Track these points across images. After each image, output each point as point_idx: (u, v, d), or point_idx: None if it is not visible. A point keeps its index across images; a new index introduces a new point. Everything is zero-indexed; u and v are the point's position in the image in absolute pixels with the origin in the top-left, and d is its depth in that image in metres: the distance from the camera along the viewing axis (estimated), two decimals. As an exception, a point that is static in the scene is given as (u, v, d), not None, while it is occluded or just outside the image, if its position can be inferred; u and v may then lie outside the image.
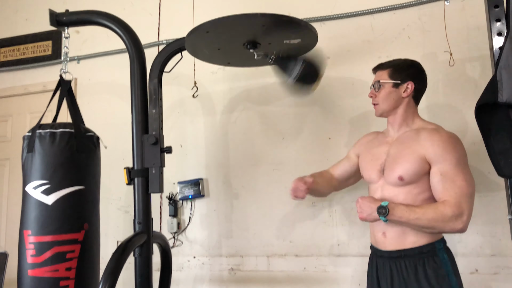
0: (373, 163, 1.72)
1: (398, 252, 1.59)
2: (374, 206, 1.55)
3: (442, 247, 1.59)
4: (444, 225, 1.48)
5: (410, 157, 1.58)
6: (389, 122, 1.75)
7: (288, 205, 2.37)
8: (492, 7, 1.69)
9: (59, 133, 1.71)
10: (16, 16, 3.13)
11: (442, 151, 1.54)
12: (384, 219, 1.53)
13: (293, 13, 2.39)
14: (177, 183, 2.54)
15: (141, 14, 2.79)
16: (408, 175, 1.57)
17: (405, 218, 1.51)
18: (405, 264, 1.57)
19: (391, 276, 1.60)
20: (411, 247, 1.57)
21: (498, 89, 1.52)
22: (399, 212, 1.51)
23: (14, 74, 3.06)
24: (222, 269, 2.45)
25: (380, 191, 1.67)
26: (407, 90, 1.67)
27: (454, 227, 1.48)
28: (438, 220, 1.48)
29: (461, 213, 1.47)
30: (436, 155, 1.54)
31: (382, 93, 1.69)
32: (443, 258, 1.56)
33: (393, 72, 1.69)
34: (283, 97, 2.45)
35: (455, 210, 1.47)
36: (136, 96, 1.96)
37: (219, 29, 1.70)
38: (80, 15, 1.99)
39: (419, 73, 1.72)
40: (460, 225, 1.47)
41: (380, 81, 1.69)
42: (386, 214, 1.51)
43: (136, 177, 1.91)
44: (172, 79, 2.52)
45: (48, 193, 1.66)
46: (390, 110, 1.70)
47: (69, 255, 1.66)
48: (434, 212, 1.49)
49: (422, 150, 1.57)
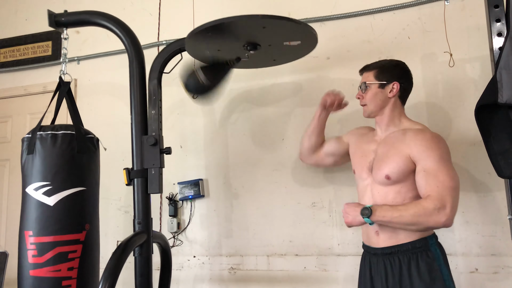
0: (363, 159, 1.76)
1: (391, 248, 1.61)
2: (358, 209, 1.58)
3: (434, 242, 1.62)
4: (427, 219, 1.49)
5: (396, 156, 1.61)
6: (377, 122, 1.78)
7: (288, 205, 2.37)
8: (492, 7, 1.69)
9: (61, 135, 1.72)
10: (16, 16, 3.13)
11: (425, 149, 1.57)
12: (368, 220, 1.56)
13: (292, 13, 2.40)
14: (177, 184, 2.54)
15: (141, 14, 2.79)
16: (394, 174, 1.60)
17: (388, 217, 1.53)
18: (399, 259, 1.60)
19: (385, 272, 1.63)
20: (404, 243, 1.59)
21: (498, 89, 1.52)
22: (382, 212, 1.54)
23: (14, 75, 3.06)
24: (222, 269, 2.45)
25: (370, 190, 1.70)
26: (393, 90, 1.69)
27: (437, 221, 1.48)
28: (421, 214, 1.49)
29: (443, 206, 1.48)
30: (419, 153, 1.57)
31: (368, 94, 1.72)
32: (436, 252, 1.59)
33: (379, 73, 1.71)
34: (283, 98, 2.45)
35: (437, 203, 1.48)
36: (135, 97, 1.96)
37: (219, 30, 1.70)
38: (79, 16, 1.99)
39: (404, 73, 1.74)
40: (443, 218, 1.48)
41: (366, 82, 1.73)
42: (369, 215, 1.54)
43: (135, 178, 1.91)
44: (172, 80, 2.51)
45: (49, 195, 1.67)
46: (377, 110, 1.73)
47: (71, 255, 1.67)
48: (416, 207, 1.51)
49: (407, 149, 1.60)
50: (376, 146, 1.73)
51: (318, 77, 2.39)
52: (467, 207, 2.07)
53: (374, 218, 1.55)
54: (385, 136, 1.73)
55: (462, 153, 2.09)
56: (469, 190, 2.07)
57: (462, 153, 2.09)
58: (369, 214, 1.54)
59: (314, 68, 2.39)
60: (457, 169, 2.07)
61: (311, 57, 2.11)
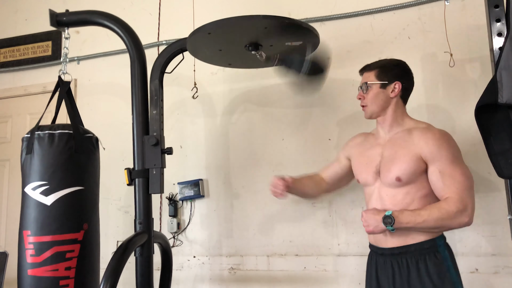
0: (368, 166, 1.72)
1: (399, 249, 1.60)
2: (379, 218, 1.55)
3: (443, 243, 1.60)
4: (451, 222, 1.50)
5: (406, 157, 1.59)
6: (379, 123, 1.75)
7: (288, 205, 2.37)
8: (492, 7, 1.69)
9: (58, 134, 1.71)
10: (16, 16, 3.13)
11: (437, 148, 1.56)
12: (391, 228, 1.53)
13: (293, 13, 2.41)
14: (177, 184, 2.54)
15: (141, 14, 2.79)
16: (406, 175, 1.58)
17: (412, 223, 1.52)
18: (407, 260, 1.58)
19: (393, 273, 1.61)
20: (412, 243, 1.57)
21: (498, 90, 1.52)
22: (405, 219, 1.52)
23: (13, 75, 3.06)
24: (222, 269, 2.46)
25: (377, 192, 1.67)
26: (394, 90, 1.67)
27: (461, 222, 1.50)
28: (445, 218, 1.50)
29: (465, 207, 1.49)
30: (431, 153, 1.56)
31: (370, 95, 1.69)
32: (444, 254, 1.58)
33: (380, 72, 1.69)
34: (283, 98, 2.45)
35: (459, 206, 1.49)
36: (136, 97, 1.96)
37: (221, 30, 1.70)
38: (80, 15, 1.98)
39: (405, 72, 1.72)
40: (466, 219, 1.50)
41: (368, 83, 1.70)
42: (392, 223, 1.52)
43: (136, 178, 1.91)
44: (172, 80, 2.52)
45: (47, 194, 1.67)
46: (379, 111, 1.70)
47: (68, 254, 1.67)
48: (439, 212, 1.50)
49: (417, 149, 1.58)
50: (382, 149, 1.69)
51: (318, 77, 2.39)
52: (467, 207, 2.08)
53: (397, 226, 1.52)
54: (389, 138, 1.70)
55: (462, 153, 2.08)
56: (469, 190, 2.08)
57: (462, 153, 2.09)
58: (392, 222, 1.52)
59: (314, 68, 2.39)
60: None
61: (311, 57, 2.11)
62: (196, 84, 2.48)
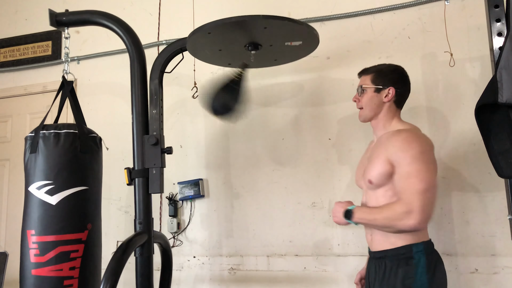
0: (359, 170, 1.76)
1: (380, 253, 1.61)
2: (342, 210, 1.61)
3: (421, 250, 1.55)
4: (397, 223, 1.51)
5: (378, 160, 1.60)
6: (372, 127, 1.76)
7: (288, 205, 2.37)
8: (492, 7, 1.69)
9: (64, 134, 1.71)
10: (16, 16, 3.13)
11: (398, 150, 1.56)
12: (353, 222, 1.59)
13: (293, 13, 2.41)
14: (177, 184, 2.54)
15: (141, 14, 2.79)
16: (375, 178, 1.60)
17: (365, 220, 1.59)
18: (385, 265, 1.59)
19: (374, 277, 1.63)
20: (390, 248, 1.58)
21: (498, 89, 1.52)
22: (360, 215, 1.59)
23: (14, 75, 3.05)
24: (222, 269, 2.45)
25: (365, 195, 1.71)
26: (388, 95, 1.67)
27: (405, 224, 1.49)
28: (391, 217, 1.51)
29: (411, 210, 1.47)
30: (393, 155, 1.56)
31: (364, 98, 1.70)
32: (419, 261, 1.53)
33: (376, 77, 1.69)
34: (283, 98, 2.45)
35: (404, 207, 1.48)
36: (136, 97, 1.96)
37: (221, 30, 1.70)
38: (80, 15, 1.98)
39: (401, 78, 1.71)
40: (411, 221, 1.47)
41: (363, 86, 1.71)
42: (350, 217, 1.58)
43: (136, 178, 1.91)
44: (172, 80, 2.52)
45: (52, 193, 1.67)
46: (372, 115, 1.71)
47: (73, 254, 1.67)
48: (388, 210, 1.53)
49: (386, 152, 1.59)
50: (370, 153, 1.72)
51: (319, 77, 2.40)
52: (467, 207, 2.08)
53: (355, 220, 1.59)
54: (376, 141, 1.72)
55: (462, 153, 2.10)
56: (469, 190, 2.08)
57: (462, 153, 2.10)
58: (350, 216, 1.59)
59: (314, 68, 2.39)
60: (457, 169, 2.10)
61: (311, 57, 2.10)
62: (196, 83, 2.48)
